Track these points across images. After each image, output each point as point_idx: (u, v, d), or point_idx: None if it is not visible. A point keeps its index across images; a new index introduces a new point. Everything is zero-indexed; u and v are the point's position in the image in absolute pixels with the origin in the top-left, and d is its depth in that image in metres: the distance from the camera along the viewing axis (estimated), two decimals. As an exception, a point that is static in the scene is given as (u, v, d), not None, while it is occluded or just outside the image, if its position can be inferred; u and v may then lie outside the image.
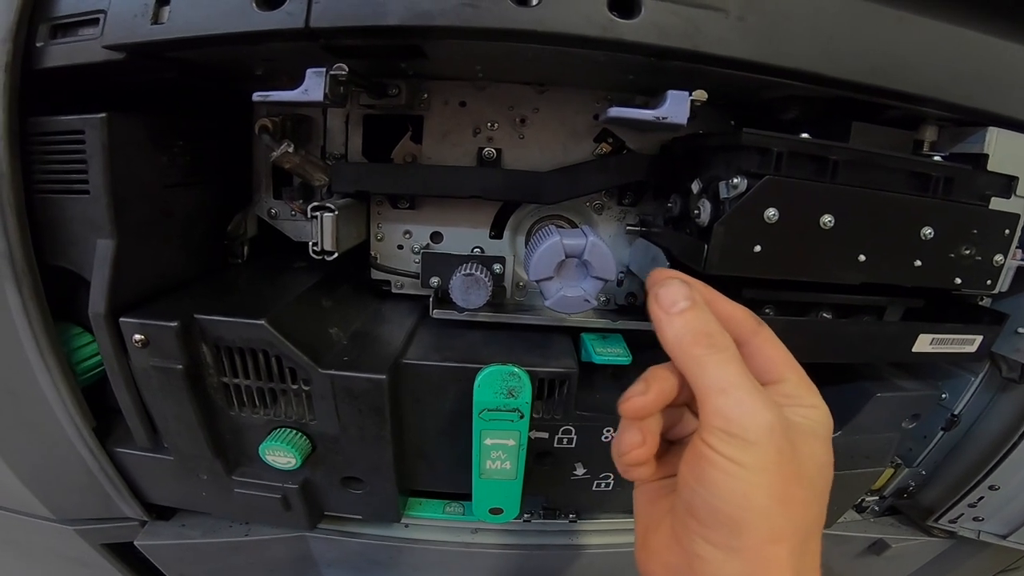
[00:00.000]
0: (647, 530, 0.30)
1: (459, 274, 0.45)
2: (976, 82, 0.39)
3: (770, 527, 0.24)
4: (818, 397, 0.28)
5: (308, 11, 0.33)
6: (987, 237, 0.40)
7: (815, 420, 0.27)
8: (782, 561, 0.24)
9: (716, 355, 0.26)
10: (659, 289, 0.28)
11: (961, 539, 0.63)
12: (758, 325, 0.30)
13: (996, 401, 0.55)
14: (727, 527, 0.24)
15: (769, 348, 0.29)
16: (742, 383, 0.25)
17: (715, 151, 0.40)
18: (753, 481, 0.24)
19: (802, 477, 0.25)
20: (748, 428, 0.24)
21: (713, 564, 0.24)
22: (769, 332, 0.30)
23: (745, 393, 0.25)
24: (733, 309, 0.30)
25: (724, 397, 0.25)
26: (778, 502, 0.24)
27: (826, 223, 0.37)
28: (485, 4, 0.33)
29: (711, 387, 0.25)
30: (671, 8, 0.34)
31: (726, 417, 0.24)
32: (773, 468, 0.24)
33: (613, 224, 0.52)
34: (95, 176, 0.38)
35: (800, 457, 0.25)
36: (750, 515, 0.24)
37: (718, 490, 0.24)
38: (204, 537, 0.55)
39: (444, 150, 0.49)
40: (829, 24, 0.36)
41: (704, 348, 0.26)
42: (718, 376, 0.25)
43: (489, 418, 0.42)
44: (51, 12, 0.38)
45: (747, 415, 0.24)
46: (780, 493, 0.24)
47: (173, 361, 0.40)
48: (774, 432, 0.24)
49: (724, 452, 0.24)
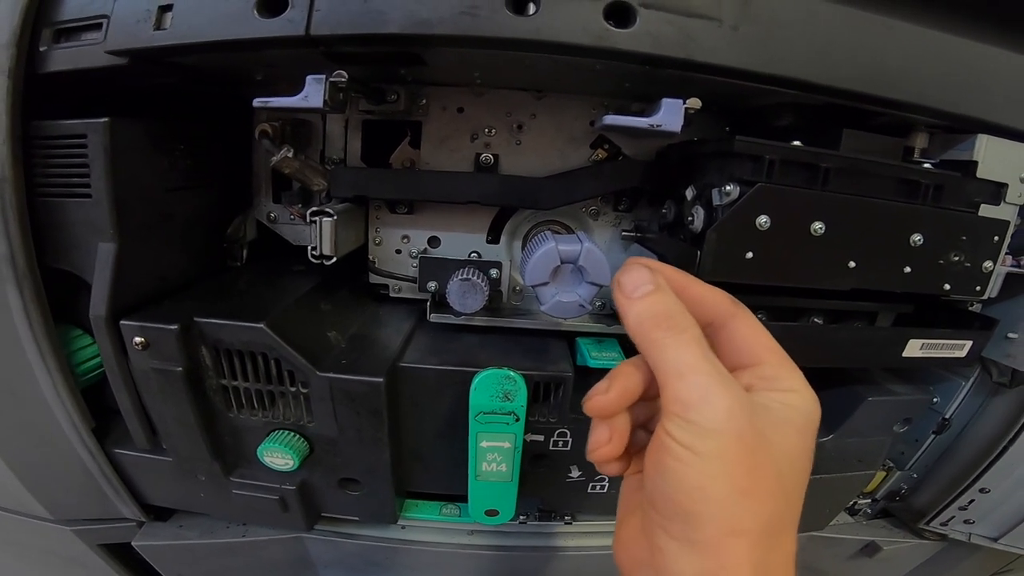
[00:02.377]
0: (620, 522, 0.30)
1: (456, 279, 0.46)
2: (965, 89, 0.40)
3: (728, 519, 0.23)
4: (799, 380, 0.27)
5: (309, 19, 0.34)
6: (976, 243, 0.41)
7: (792, 406, 0.26)
8: (740, 555, 0.23)
9: (676, 336, 0.25)
10: (622, 276, 0.28)
11: (952, 542, 0.64)
12: (735, 307, 0.28)
13: (987, 405, 0.56)
14: (684, 518, 0.23)
15: (746, 330, 0.28)
16: (700, 366, 0.24)
17: (708, 158, 0.41)
18: (709, 470, 0.23)
19: (767, 467, 0.24)
20: (704, 413, 0.23)
21: (671, 557, 0.24)
22: (747, 314, 0.28)
23: (703, 376, 0.24)
24: (708, 292, 0.29)
25: (681, 381, 0.24)
26: (738, 492, 0.23)
27: (817, 230, 0.37)
28: (483, 13, 0.33)
29: (669, 371, 0.24)
30: (666, 17, 0.34)
31: (683, 402, 0.24)
32: (732, 456, 0.23)
33: (608, 230, 0.53)
34: (97, 180, 0.38)
35: (768, 446, 0.24)
36: (707, 506, 0.23)
37: (674, 479, 0.23)
38: (201, 538, 0.55)
39: (442, 155, 0.50)
40: (821, 32, 0.36)
41: (663, 331, 0.25)
42: (676, 359, 0.25)
43: (485, 421, 0.42)
44: (55, 17, 0.38)
45: (704, 399, 0.23)
46: (740, 483, 0.23)
47: (173, 363, 0.40)
48: (734, 418, 0.23)
49: (680, 439, 0.23)
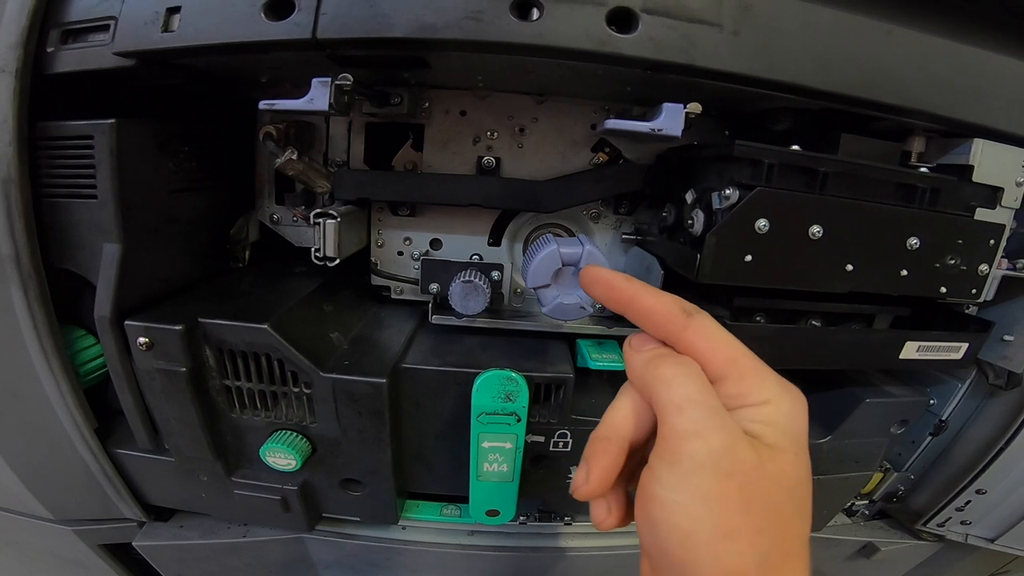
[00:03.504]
0: (641, 560, 0.28)
1: (458, 281, 0.46)
2: (962, 94, 0.40)
3: (719, 564, 0.21)
4: (770, 387, 0.25)
5: (315, 22, 0.34)
6: (972, 247, 0.41)
7: (774, 423, 0.24)
8: None
9: (681, 372, 0.25)
10: (632, 337, 0.28)
11: (950, 543, 0.64)
12: (686, 318, 0.26)
13: (983, 407, 0.57)
14: (677, 569, 0.22)
15: (701, 343, 0.26)
16: (701, 399, 0.23)
17: (708, 162, 0.41)
18: (695, 513, 0.22)
19: (759, 501, 0.22)
20: (696, 447, 0.22)
21: None
22: (701, 323, 0.26)
23: (702, 409, 0.23)
24: (657, 304, 0.27)
25: (680, 415, 0.23)
26: (726, 536, 0.21)
27: (815, 233, 0.37)
28: (488, 17, 0.34)
29: (670, 406, 0.24)
30: (667, 23, 0.35)
31: (680, 435, 0.23)
32: (719, 496, 0.22)
33: (609, 232, 0.53)
34: (103, 181, 0.38)
35: (760, 479, 0.23)
36: (696, 553, 0.21)
37: (663, 530, 0.22)
38: (202, 538, 0.55)
39: (444, 158, 0.50)
40: (821, 38, 0.37)
41: (670, 366, 0.25)
42: (680, 394, 0.24)
43: (487, 421, 0.42)
44: (62, 18, 0.38)
45: (697, 433, 0.23)
46: (730, 524, 0.22)
47: (177, 364, 0.40)
48: (723, 455, 0.22)
49: (667, 482, 0.23)
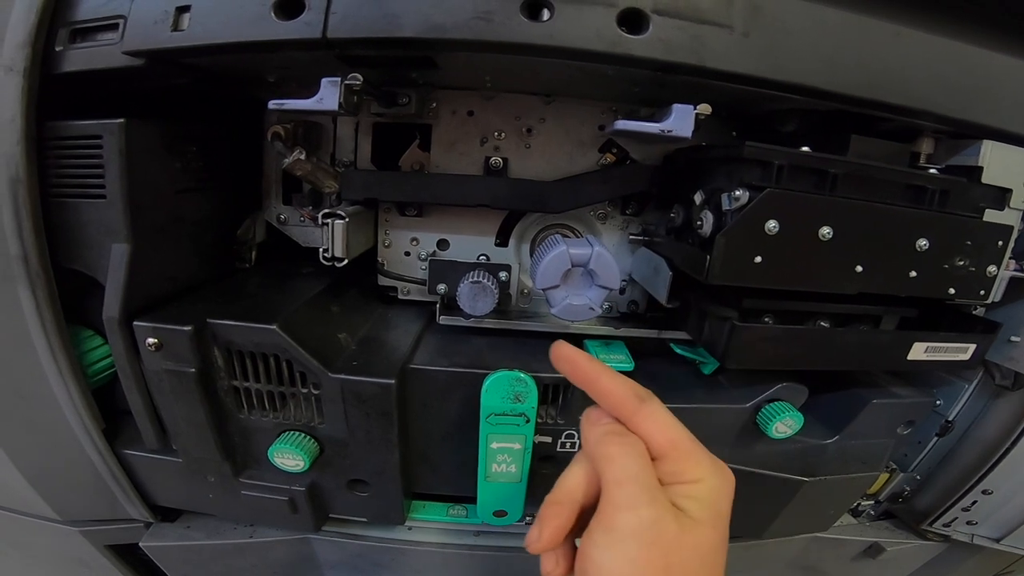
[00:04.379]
0: None
1: (466, 281, 0.46)
2: (972, 95, 0.40)
3: None
4: (704, 468, 0.29)
5: (325, 22, 0.34)
6: (981, 248, 0.41)
7: (699, 499, 0.28)
8: None
9: (626, 451, 0.28)
10: (590, 411, 0.33)
11: (955, 543, 0.64)
12: (639, 403, 0.30)
13: (989, 407, 0.57)
14: None
15: (650, 425, 0.30)
16: (639, 477, 0.27)
17: (717, 163, 0.41)
18: None
19: (675, 568, 0.25)
20: (628, 520, 0.26)
21: None
22: (651, 408, 0.30)
23: (637, 486, 0.27)
24: (615, 387, 0.31)
25: (619, 489, 0.27)
26: None
27: (825, 235, 0.37)
28: (498, 18, 0.34)
29: (610, 481, 0.27)
30: (678, 24, 0.35)
31: (615, 506, 0.26)
32: (645, 563, 0.25)
33: (616, 233, 0.53)
34: (112, 181, 0.38)
35: (681, 549, 0.26)
36: None
37: None
38: (208, 539, 0.55)
39: (451, 159, 0.50)
40: (830, 39, 0.37)
41: (617, 447, 0.29)
42: (622, 469, 0.28)
43: (496, 422, 0.42)
44: (71, 17, 0.38)
45: (631, 506, 0.26)
46: None
47: (186, 365, 0.40)
48: (651, 527, 0.25)
49: (602, 544, 0.26)
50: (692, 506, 0.27)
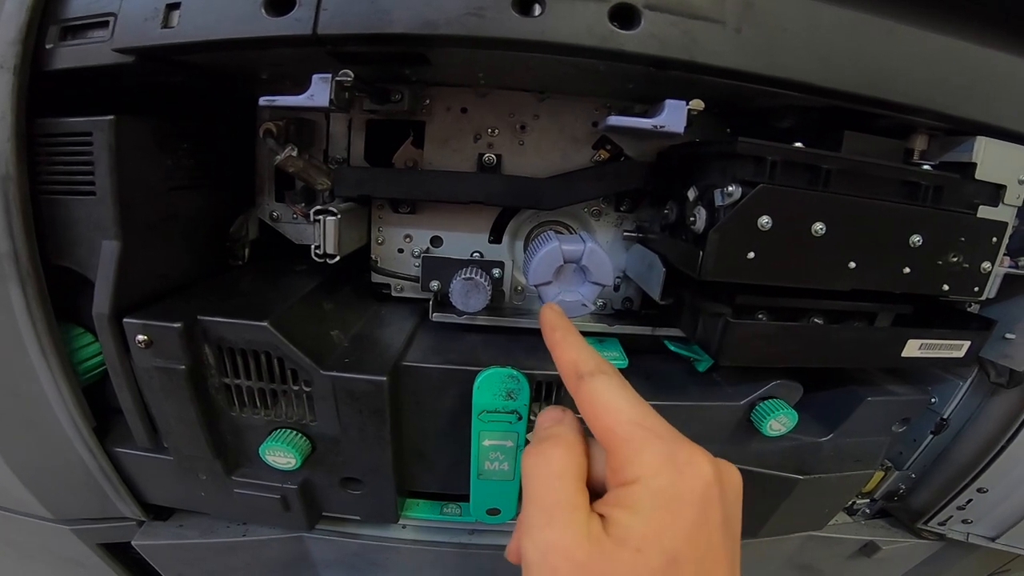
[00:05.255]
0: None
1: (459, 278, 0.46)
2: (965, 92, 0.40)
3: None
4: (645, 463, 0.23)
5: (316, 18, 0.34)
6: (975, 245, 0.41)
7: (632, 507, 0.22)
8: None
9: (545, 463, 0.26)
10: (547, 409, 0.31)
11: (950, 541, 0.64)
12: (577, 380, 0.26)
13: (985, 405, 0.56)
14: None
15: (587, 408, 0.25)
16: (529, 498, 0.25)
17: (711, 159, 0.41)
18: None
19: None
20: (523, 547, 0.23)
21: None
22: (591, 386, 0.26)
23: (525, 512, 0.25)
24: (561, 357, 0.28)
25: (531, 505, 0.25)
26: None
27: (818, 231, 0.37)
28: (489, 14, 0.34)
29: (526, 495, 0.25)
30: (670, 20, 0.34)
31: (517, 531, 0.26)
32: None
33: (610, 230, 0.53)
34: (102, 178, 0.38)
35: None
36: None
37: None
38: (201, 537, 0.55)
39: (445, 155, 0.50)
40: (823, 35, 0.36)
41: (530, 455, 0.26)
42: (524, 491, 0.26)
43: (488, 420, 0.42)
44: (61, 14, 0.38)
45: (522, 535, 0.24)
46: None
47: (176, 362, 0.40)
48: (541, 553, 0.22)
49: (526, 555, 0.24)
50: (621, 518, 0.22)
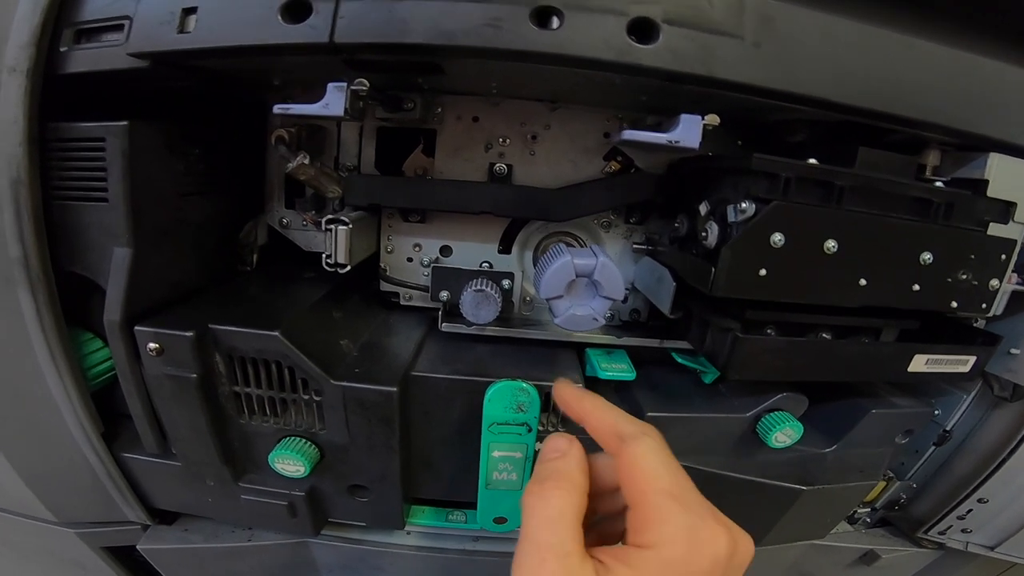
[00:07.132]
0: None
1: (470, 289, 0.46)
2: (980, 108, 0.40)
3: None
4: (666, 532, 0.24)
5: (332, 26, 0.34)
6: (984, 262, 0.41)
7: (639, 568, 0.24)
8: None
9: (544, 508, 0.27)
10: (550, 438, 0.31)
11: (950, 550, 0.65)
12: (620, 444, 0.28)
13: (987, 418, 0.57)
14: None
15: (626, 469, 0.27)
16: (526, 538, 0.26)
17: (724, 174, 0.41)
18: None
19: None
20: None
21: None
22: (633, 452, 0.27)
23: (519, 551, 0.26)
24: (599, 426, 0.29)
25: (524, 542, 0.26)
26: None
27: (830, 248, 0.37)
28: (507, 25, 0.33)
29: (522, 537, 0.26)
30: (687, 34, 0.34)
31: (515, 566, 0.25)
32: None
33: (620, 242, 0.53)
34: (114, 184, 0.38)
35: None
36: None
37: None
38: (206, 542, 0.55)
39: (456, 165, 0.50)
40: (841, 51, 0.36)
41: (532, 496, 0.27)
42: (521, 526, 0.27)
43: (498, 431, 0.42)
44: (76, 17, 0.37)
45: (513, 572, 0.25)
46: None
47: (187, 370, 0.40)
48: None
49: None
50: (621, 575, 0.23)
